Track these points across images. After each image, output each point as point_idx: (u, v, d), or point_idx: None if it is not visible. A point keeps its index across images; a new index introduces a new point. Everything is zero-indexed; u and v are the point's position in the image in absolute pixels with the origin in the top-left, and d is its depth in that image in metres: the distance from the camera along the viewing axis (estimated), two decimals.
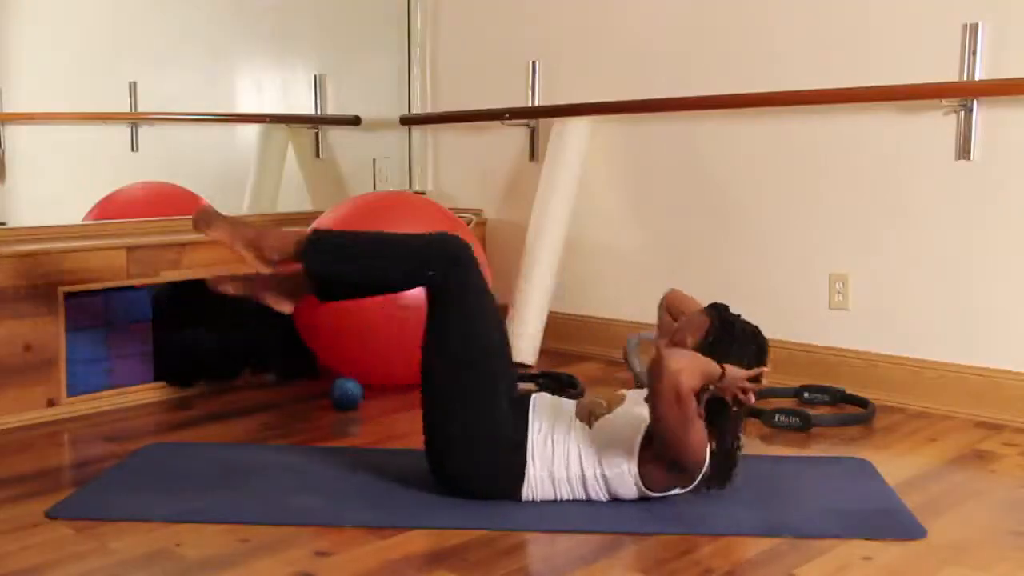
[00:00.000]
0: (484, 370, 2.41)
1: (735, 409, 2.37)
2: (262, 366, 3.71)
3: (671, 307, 2.70)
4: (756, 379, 2.37)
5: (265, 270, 2.52)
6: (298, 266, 2.53)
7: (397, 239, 2.51)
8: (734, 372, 2.33)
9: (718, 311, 2.46)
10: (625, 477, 2.36)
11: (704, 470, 2.36)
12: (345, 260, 2.45)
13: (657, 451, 2.33)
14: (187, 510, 2.39)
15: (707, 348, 2.37)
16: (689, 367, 2.23)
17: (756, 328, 2.46)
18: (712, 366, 2.29)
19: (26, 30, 4.06)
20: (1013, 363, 3.19)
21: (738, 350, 2.38)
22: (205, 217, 2.55)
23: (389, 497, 2.48)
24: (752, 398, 2.37)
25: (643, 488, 2.36)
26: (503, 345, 2.49)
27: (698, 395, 2.30)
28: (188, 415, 3.31)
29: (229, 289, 2.59)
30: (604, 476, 2.37)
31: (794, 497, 2.50)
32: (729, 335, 2.40)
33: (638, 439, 2.35)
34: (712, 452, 2.36)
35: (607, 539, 2.24)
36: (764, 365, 2.40)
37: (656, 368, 2.22)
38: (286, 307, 2.60)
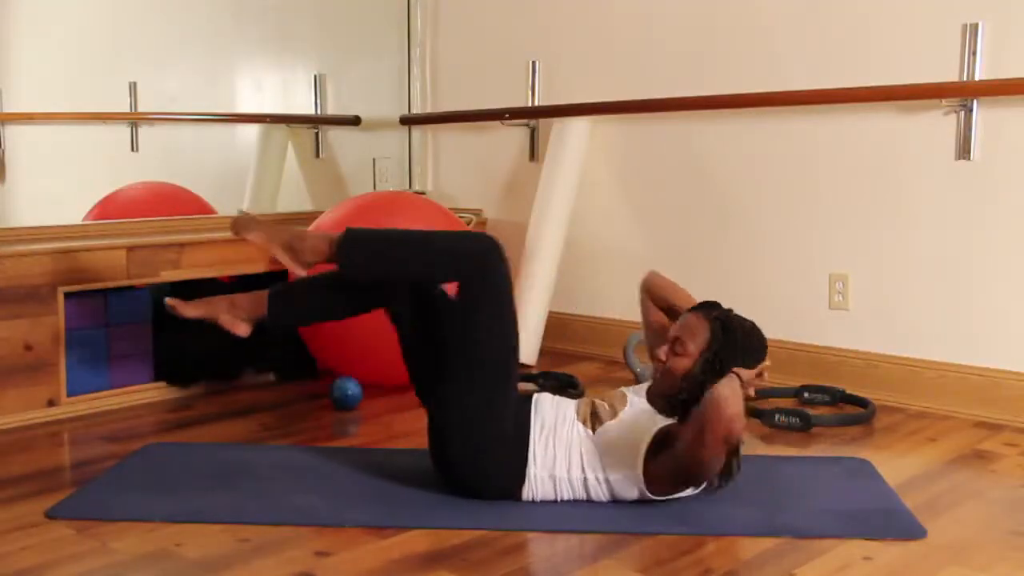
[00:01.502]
0: (506, 369, 2.43)
1: None
2: (262, 366, 3.71)
3: (655, 294, 2.71)
4: (759, 375, 2.40)
5: (301, 272, 2.55)
6: (301, 273, 2.57)
7: (431, 236, 2.56)
8: (746, 376, 2.37)
9: (719, 320, 2.43)
10: (629, 482, 2.35)
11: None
12: (380, 259, 2.47)
13: (671, 466, 2.30)
14: (187, 510, 2.39)
15: (712, 361, 2.37)
16: (741, 412, 2.17)
17: (753, 325, 2.46)
18: (738, 394, 2.23)
19: (26, 30, 4.06)
20: (1013, 363, 3.19)
21: (743, 357, 2.39)
22: (243, 222, 2.58)
23: (389, 497, 2.48)
24: (753, 393, 2.41)
25: (647, 493, 2.36)
26: (518, 346, 2.50)
27: None
28: (188, 415, 3.31)
29: (189, 312, 2.63)
30: (607, 480, 2.37)
31: (794, 497, 2.50)
32: (734, 345, 2.39)
33: (643, 447, 2.33)
34: None
35: (607, 539, 2.24)
36: (765, 360, 2.42)
37: (713, 410, 2.14)
38: (243, 329, 2.63)
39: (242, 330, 2.62)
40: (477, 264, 2.40)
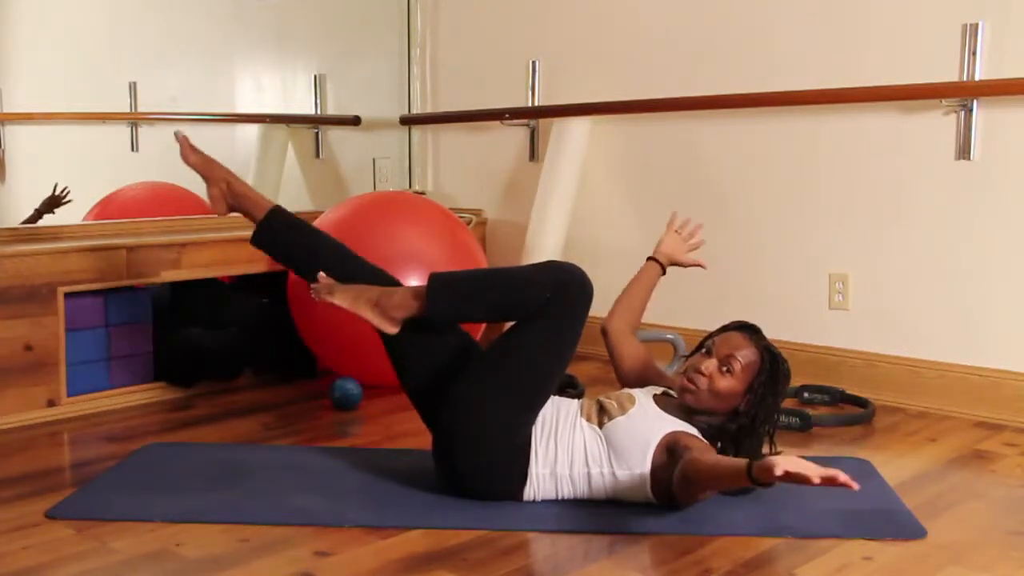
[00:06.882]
0: (546, 387, 2.43)
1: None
2: (262, 366, 3.71)
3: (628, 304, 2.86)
4: None
5: (391, 330, 2.49)
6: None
7: (514, 272, 2.54)
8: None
9: (769, 351, 2.41)
10: (635, 480, 2.35)
11: None
12: (469, 302, 2.46)
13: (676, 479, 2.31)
14: (187, 510, 2.39)
15: (756, 392, 2.38)
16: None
17: (783, 357, 2.45)
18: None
19: (26, 30, 4.07)
20: (1013, 363, 3.19)
21: (783, 392, 2.42)
22: (326, 287, 2.53)
23: (389, 497, 2.48)
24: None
25: (650, 494, 2.35)
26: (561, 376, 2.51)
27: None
28: (188, 415, 3.31)
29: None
30: (614, 474, 2.36)
31: (794, 497, 2.49)
32: (776, 380, 2.39)
33: (652, 448, 2.33)
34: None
35: (607, 539, 2.24)
36: None
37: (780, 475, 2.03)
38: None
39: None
40: (560, 287, 2.37)
